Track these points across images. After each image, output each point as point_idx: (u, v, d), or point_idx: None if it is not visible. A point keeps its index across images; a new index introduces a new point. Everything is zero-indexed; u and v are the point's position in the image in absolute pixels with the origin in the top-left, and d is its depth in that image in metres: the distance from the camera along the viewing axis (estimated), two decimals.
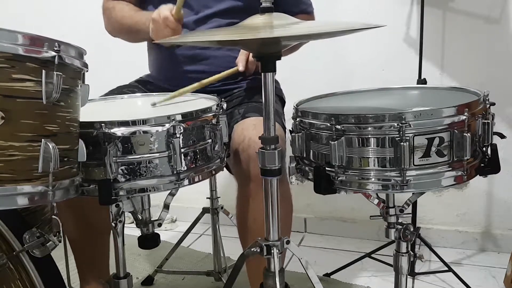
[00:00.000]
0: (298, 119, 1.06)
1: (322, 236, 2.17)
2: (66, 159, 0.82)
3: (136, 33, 1.42)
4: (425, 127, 0.91)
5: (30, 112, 0.74)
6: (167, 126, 0.95)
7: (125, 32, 1.47)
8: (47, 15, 2.38)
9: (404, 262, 1.09)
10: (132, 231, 1.17)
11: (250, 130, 1.18)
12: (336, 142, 0.95)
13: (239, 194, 1.23)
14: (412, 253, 1.11)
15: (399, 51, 1.93)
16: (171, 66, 1.40)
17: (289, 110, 1.17)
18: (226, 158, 1.16)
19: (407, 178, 0.91)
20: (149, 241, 1.08)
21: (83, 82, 0.87)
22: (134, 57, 1.63)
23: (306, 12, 1.51)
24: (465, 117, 0.92)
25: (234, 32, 0.95)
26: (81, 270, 1.35)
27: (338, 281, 1.74)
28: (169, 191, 1.08)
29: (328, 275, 1.76)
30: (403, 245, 1.09)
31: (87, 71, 0.88)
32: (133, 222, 1.08)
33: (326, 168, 0.98)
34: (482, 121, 0.98)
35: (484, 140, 1.00)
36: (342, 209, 2.14)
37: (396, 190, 0.93)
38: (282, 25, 0.92)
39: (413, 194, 1.07)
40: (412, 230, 1.06)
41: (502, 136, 1.05)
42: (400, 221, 1.08)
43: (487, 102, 1.01)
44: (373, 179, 0.95)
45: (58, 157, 0.76)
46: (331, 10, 1.93)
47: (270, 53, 0.93)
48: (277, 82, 1.51)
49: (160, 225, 1.09)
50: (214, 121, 1.06)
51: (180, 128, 0.96)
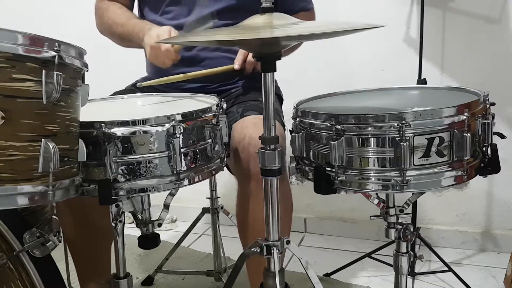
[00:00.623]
0: (298, 119, 1.06)
1: (322, 236, 2.17)
2: (66, 159, 0.82)
3: (126, 41, 1.44)
4: (425, 127, 0.91)
5: (30, 112, 0.74)
6: (167, 126, 0.95)
7: (115, 38, 1.48)
8: (47, 15, 2.38)
9: (404, 262, 1.09)
10: (132, 231, 1.17)
11: (250, 128, 1.18)
12: (336, 142, 0.95)
13: (239, 193, 1.23)
14: (412, 253, 1.11)
15: (399, 51, 1.93)
16: (168, 68, 1.40)
17: (289, 110, 1.17)
18: (226, 158, 1.16)
19: (407, 178, 0.91)
20: (149, 241, 1.08)
21: (83, 82, 0.87)
22: (134, 57, 1.62)
23: (306, 9, 1.51)
24: (465, 117, 0.92)
25: (234, 32, 0.95)
26: (80, 271, 1.35)
27: (338, 281, 1.74)
28: (169, 191, 1.08)
29: (328, 275, 1.76)
30: (403, 245, 1.09)
31: (87, 71, 0.88)
32: (133, 222, 1.08)
33: (326, 168, 0.98)
34: (482, 121, 0.98)
35: (484, 140, 1.00)
36: (342, 209, 2.14)
37: (396, 190, 0.93)
38: (282, 25, 0.92)
39: (413, 194, 1.07)
40: (412, 230, 1.06)
41: (502, 136, 1.05)
42: (400, 221, 1.08)
43: (487, 102, 1.01)
44: (373, 179, 0.95)
45: (58, 157, 0.76)
46: (331, 10, 1.92)
47: (270, 53, 0.93)
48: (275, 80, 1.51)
49: (160, 225, 1.09)
50: (214, 121, 1.06)
51: (180, 128, 0.96)
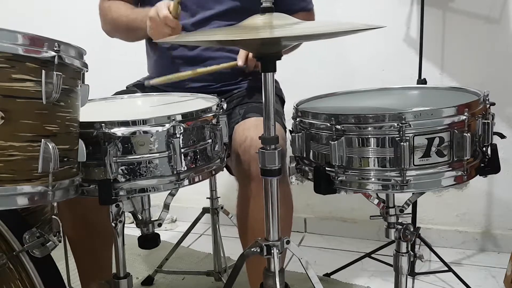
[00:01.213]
0: (298, 119, 1.06)
1: (322, 236, 2.17)
2: (66, 159, 0.82)
3: (133, 31, 1.42)
4: (425, 127, 0.91)
5: (30, 112, 0.74)
6: (167, 126, 0.95)
7: (121, 31, 1.47)
8: (47, 15, 2.38)
9: (404, 262, 1.09)
10: (132, 231, 1.17)
11: (251, 130, 1.18)
12: (336, 142, 0.95)
13: (240, 194, 1.23)
14: (412, 253, 1.11)
15: (399, 51, 1.93)
16: (170, 67, 1.40)
17: (289, 110, 1.17)
18: (226, 158, 1.16)
19: (407, 178, 0.91)
20: (149, 241, 1.08)
21: (83, 82, 0.87)
22: (134, 57, 1.63)
23: (306, 9, 1.51)
24: (465, 117, 0.92)
25: (234, 32, 0.95)
26: (81, 271, 1.35)
27: (338, 281, 1.74)
28: (169, 191, 1.08)
29: (328, 275, 1.76)
30: (403, 245, 1.09)
31: (87, 71, 0.87)
32: (133, 222, 1.08)
33: (326, 168, 0.98)
34: (482, 121, 0.98)
35: (484, 140, 1.00)
36: (342, 209, 2.14)
37: (396, 190, 0.93)
38: (282, 25, 0.92)
39: (413, 194, 1.07)
40: (412, 230, 1.06)
41: (502, 136, 1.05)
42: (400, 221, 1.08)
43: (487, 102, 1.01)
44: (373, 179, 0.94)
45: (58, 157, 0.76)
46: (331, 10, 1.93)
47: (270, 53, 0.93)
48: (276, 82, 1.51)
49: (160, 225, 1.09)
50: (214, 121, 1.06)
51: (180, 128, 0.96)
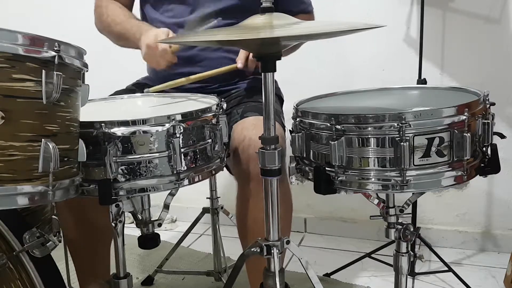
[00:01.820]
0: (298, 119, 1.06)
1: (322, 236, 2.17)
2: (66, 159, 0.82)
3: (124, 40, 1.43)
4: (425, 127, 0.91)
5: (30, 112, 0.74)
6: (167, 126, 0.95)
7: (113, 36, 1.48)
8: (47, 15, 2.38)
9: (404, 262, 1.09)
10: (132, 231, 1.17)
11: (250, 130, 1.18)
12: (336, 142, 0.95)
13: (239, 194, 1.23)
14: (412, 253, 1.11)
15: (399, 51, 1.93)
16: (168, 68, 1.39)
17: (289, 110, 1.17)
18: (226, 158, 1.16)
19: (407, 178, 0.91)
20: (149, 241, 1.08)
21: (83, 82, 0.87)
22: (134, 57, 1.62)
23: (306, 11, 1.52)
24: (465, 117, 0.92)
25: (234, 32, 0.95)
26: (80, 271, 1.34)
27: (338, 281, 1.74)
28: (169, 191, 1.08)
29: (328, 275, 1.76)
30: (403, 245, 1.09)
31: (87, 71, 0.88)
32: (133, 222, 1.08)
33: (326, 168, 0.98)
34: (482, 121, 0.98)
35: (484, 140, 1.00)
36: (342, 209, 2.14)
37: (396, 190, 0.93)
38: (282, 25, 0.92)
39: (413, 194, 1.07)
40: (412, 230, 1.06)
41: (502, 136, 1.05)
42: (400, 221, 1.08)
43: (487, 102, 1.01)
44: (373, 179, 0.94)
45: (58, 157, 0.76)
46: (331, 10, 1.92)
47: (270, 53, 0.93)
48: (275, 81, 1.51)
49: (160, 225, 1.09)
50: (214, 121, 1.06)
51: (180, 128, 0.96)
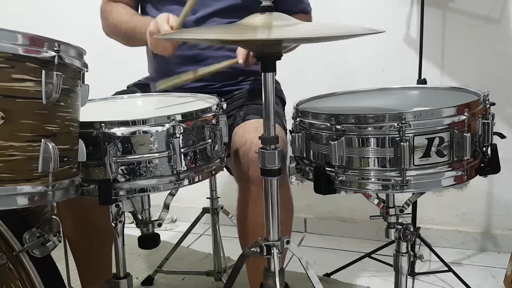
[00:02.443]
0: (298, 119, 1.06)
1: (322, 236, 2.17)
2: (66, 159, 0.82)
3: (132, 38, 1.43)
4: (425, 127, 0.91)
5: (30, 112, 0.74)
6: (167, 126, 0.95)
7: (121, 37, 1.48)
8: (47, 15, 2.38)
9: (404, 262, 1.09)
10: (132, 231, 1.17)
11: (251, 133, 1.18)
12: (336, 142, 0.95)
13: (240, 197, 1.22)
14: (412, 253, 1.11)
15: (399, 51, 1.93)
16: (170, 67, 1.39)
17: (289, 110, 1.17)
18: (226, 158, 1.15)
19: (407, 178, 0.91)
20: (149, 241, 1.08)
21: (83, 82, 0.87)
22: (134, 57, 1.63)
23: (305, 11, 1.52)
24: (465, 117, 0.92)
25: (233, 31, 0.94)
26: (81, 271, 1.35)
27: (338, 281, 1.74)
28: (169, 191, 1.08)
29: (328, 275, 1.76)
30: (403, 245, 1.08)
31: (87, 71, 0.87)
32: (133, 222, 1.08)
33: (326, 168, 0.98)
34: (482, 121, 0.98)
35: (484, 140, 1.00)
36: (342, 209, 2.14)
37: (396, 190, 0.93)
38: (282, 25, 0.92)
39: (413, 194, 1.07)
40: (412, 230, 1.06)
41: (502, 136, 1.05)
42: (400, 221, 1.08)
43: (487, 102, 1.01)
44: (373, 179, 0.95)
45: (58, 157, 0.76)
46: (331, 10, 1.92)
47: (270, 53, 0.93)
48: (277, 83, 1.51)
49: (160, 225, 1.09)
50: (214, 121, 1.06)
51: (180, 128, 0.96)
